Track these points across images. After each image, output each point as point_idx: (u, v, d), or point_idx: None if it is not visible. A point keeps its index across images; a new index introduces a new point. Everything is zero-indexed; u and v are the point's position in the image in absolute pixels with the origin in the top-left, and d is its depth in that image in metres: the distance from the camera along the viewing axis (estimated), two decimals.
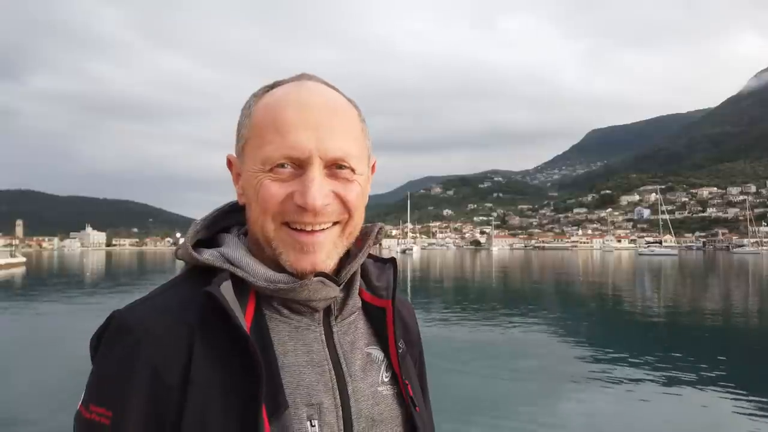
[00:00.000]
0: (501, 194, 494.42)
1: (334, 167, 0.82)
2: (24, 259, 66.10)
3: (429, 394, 1.09)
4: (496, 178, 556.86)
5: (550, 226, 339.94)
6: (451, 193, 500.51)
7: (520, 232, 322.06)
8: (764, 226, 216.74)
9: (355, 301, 0.93)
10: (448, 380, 9.41)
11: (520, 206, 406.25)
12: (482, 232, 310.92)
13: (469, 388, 8.93)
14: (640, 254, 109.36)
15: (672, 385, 9.07)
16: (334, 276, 0.87)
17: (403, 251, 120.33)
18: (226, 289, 0.79)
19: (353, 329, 0.92)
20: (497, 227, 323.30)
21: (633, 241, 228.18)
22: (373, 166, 0.95)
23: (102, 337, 0.80)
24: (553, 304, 23.29)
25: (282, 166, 0.80)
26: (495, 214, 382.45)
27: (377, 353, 0.93)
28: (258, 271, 0.83)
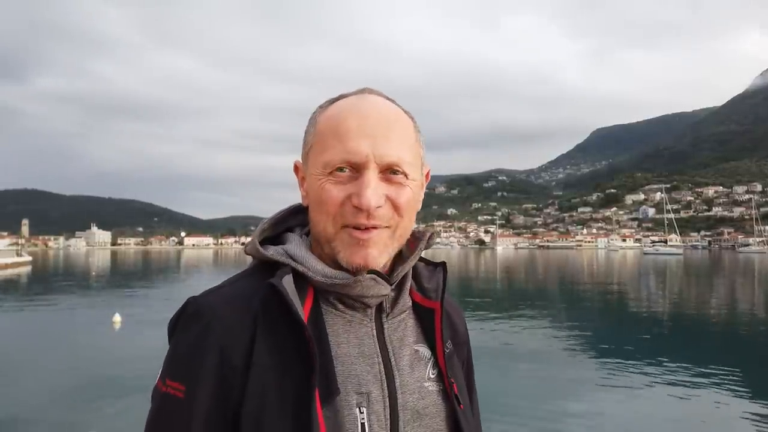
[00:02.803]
0: (505, 193, 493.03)
1: (389, 172, 0.89)
2: (30, 258, 66.42)
3: (476, 393, 1.15)
4: (500, 178, 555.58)
5: (555, 225, 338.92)
6: (455, 192, 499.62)
7: (524, 231, 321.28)
8: None
9: (406, 301, 1.00)
10: None
11: (524, 205, 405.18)
12: (486, 232, 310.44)
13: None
14: (645, 253, 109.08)
15: (677, 385, 9.04)
16: (387, 276, 0.93)
17: None
18: (287, 282, 0.87)
19: (403, 326, 0.98)
20: (501, 226, 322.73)
21: (638, 240, 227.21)
22: (427, 174, 1.03)
23: (179, 320, 0.89)
24: (557, 304, 23.26)
25: (341, 170, 0.88)
26: (499, 214, 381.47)
27: (425, 351, 0.98)
28: (316, 267, 0.91)
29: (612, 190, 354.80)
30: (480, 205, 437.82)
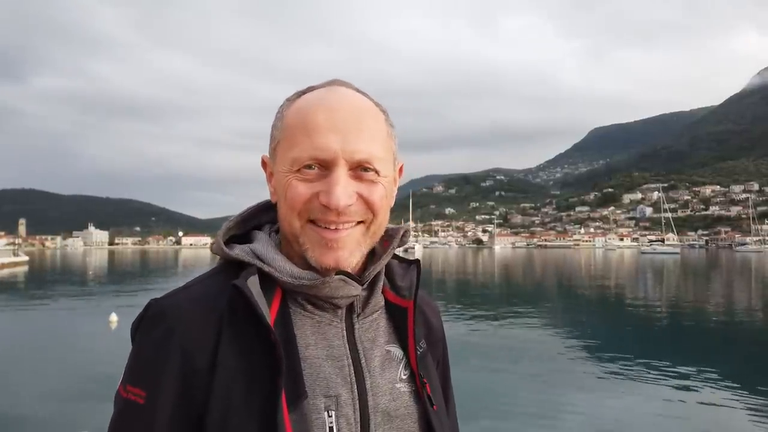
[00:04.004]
0: (503, 193, 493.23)
1: (359, 169, 0.86)
2: (27, 258, 66.26)
3: (452, 393, 1.13)
4: (498, 177, 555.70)
5: (553, 224, 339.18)
6: (453, 191, 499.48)
7: (522, 230, 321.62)
8: (767, 224, 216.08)
9: (378, 300, 0.97)
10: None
11: (522, 205, 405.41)
12: (484, 231, 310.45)
13: (469, 386, 8.91)
14: (642, 253, 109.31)
15: (674, 384, 9.04)
16: (359, 275, 0.92)
17: (405, 250, 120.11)
18: (253, 283, 0.84)
19: (374, 327, 0.96)
20: (499, 226, 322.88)
21: (635, 239, 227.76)
22: (400, 169, 1.00)
23: (140, 322, 0.87)
24: (555, 303, 23.27)
25: (309, 167, 0.85)
26: (497, 213, 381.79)
27: (397, 351, 0.96)
28: (284, 267, 0.88)
29: (609, 190, 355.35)
30: (478, 204, 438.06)
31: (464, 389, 9.46)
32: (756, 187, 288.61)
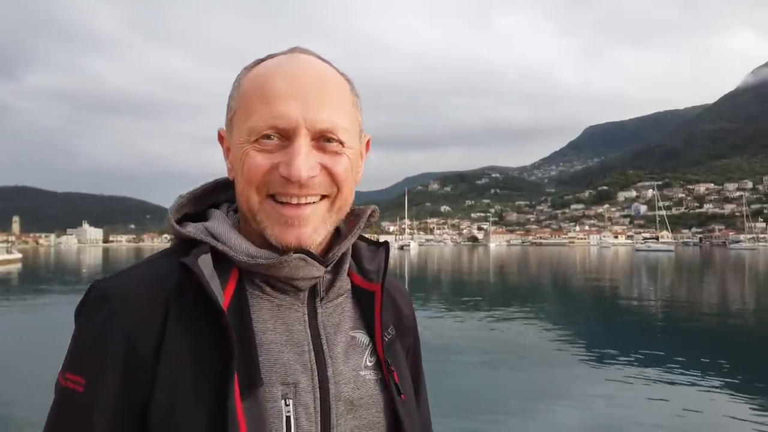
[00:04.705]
0: (498, 190, 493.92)
1: (322, 139, 0.80)
2: (20, 256, 65.84)
3: (425, 384, 1.08)
4: (493, 175, 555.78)
5: (548, 222, 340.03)
6: (448, 189, 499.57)
7: (517, 228, 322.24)
8: (760, 221, 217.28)
9: (344, 283, 0.91)
10: (444, 376, 9.37)
11: (517, 202, 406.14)
12: (479, 229, 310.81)
13: (464, 384, 8.89)
14: (636, 250, 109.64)
15: (669, 381, 9.04)
16: (323, 256, 0.86)
17: (401, 247, 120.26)
18: (204, 262, 0.78)
19: (339, 311, 0.90)
20: (494, 223, 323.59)
21: (630, 237, 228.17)
22: (368, 144, 0.94)
23: (83, 306, 0.81)
24: (549, 301, 23.29)
25: (268, 137, 0.79)
26: (492, 211, 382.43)
27: (362, 337, 0.91)
28: (239, 246, 0.82)
29: (604, 187, 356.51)
30: (473, 202, 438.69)
31: (459, 386, 9.49)
32: (750, 185, 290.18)
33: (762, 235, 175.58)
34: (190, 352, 0.75)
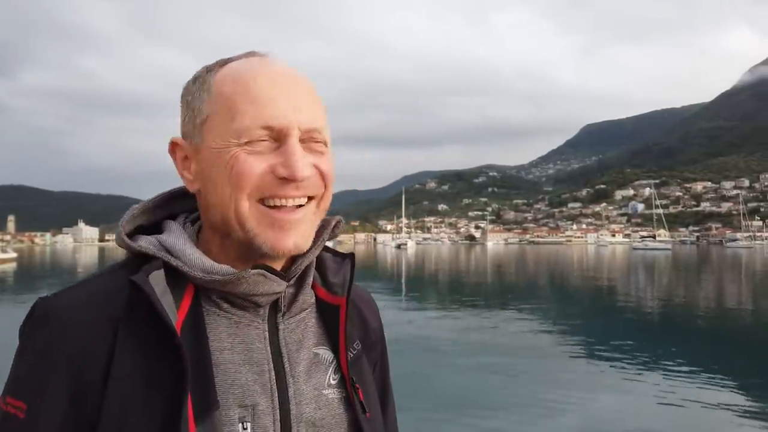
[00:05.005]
0: (496, 189, 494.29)
1: (309, 139, 0.79)
2: (15, 255, 65.64)
3: (392, 398, 1.03)
4: (491, 173, 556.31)
5: (545, 220, 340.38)
6: (446, 188, 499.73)
7: (514, 226, 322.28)
8: (757, 220, 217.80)
9: (307, 297, 0.87)
10: (440, 375, 9.28)
11: (514, 201, 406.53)
12: (477, 227, 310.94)
13: (460, 384, 8.80)
14: (634, 248, 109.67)
15: (666, 378, 8.98)
16: (286, 269, 0.83)
17: (398, 246, 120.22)
18: (156, 279, 0.74)
19: (302, 327, 0.86)
20: (492, 222, 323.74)
21: (627, 235, 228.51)
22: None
23: (26, 325, 0.76)
24: (546, 299, 23.24)
25: (259, 138, 0.76)
26: (490, 209, 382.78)
27: (326, 354, 0.87)
28: (194, 261, 0.77)
29: (602, 186, 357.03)
30: (470, 200, 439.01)
31: (456, 386, 9.41)
32: (746, 183, 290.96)
33: (759, 234, 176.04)
34: (140, 375, 0.71)
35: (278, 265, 0.81)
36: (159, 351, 0.71)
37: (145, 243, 0.80)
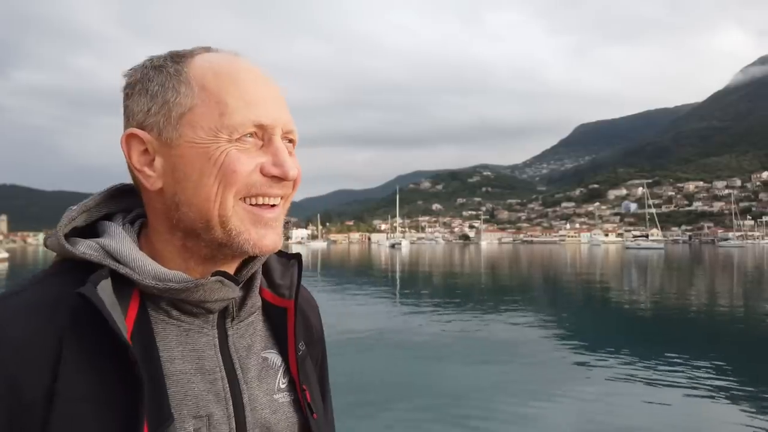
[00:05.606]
0: (490, 188, 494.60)
1: (285, 140, 0.78)
2: (7, 255, 65.32)
3: (330, 397, 1.01)
4: (485, 173, 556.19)
5: (539, 220, 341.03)
6: (440, 187, 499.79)
7: (508, 226, 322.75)
8: (749, 219, 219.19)
9: (255, 301, 0.85)
10: (436, 374, 9.33)
11: (508, 200, 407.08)
12: (471, 227, 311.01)
13: (455, 384, 8.84)
14: (627, 248, 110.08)
15: (659, 379, 9.04)
16: (235, 273, 0.80)
17: (392, 246, 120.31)
18: (104, 290, 0.68)
19: (251, 331, 0.84)
20: (486, 221, 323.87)
21: (620, 234, 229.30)
22: None
23: None
24: (540, 298, 23.32)
25: (249, 135, 0.74)
26: (484, 209, 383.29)
27: (275, 357, 0.85)
28: (145, 268, 0.72)
29: (595, 186, 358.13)
30: (465, 200, 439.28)
31: (450, 386, 9.44)
32: (738, 183, 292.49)
33: (750, 233, 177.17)
34: (89, 395, 0.64)
35: (232, 270, 0.80)
36: (111, 368, 0.66)
37: (87, 249, 0.73)
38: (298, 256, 0.92)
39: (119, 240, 0.74)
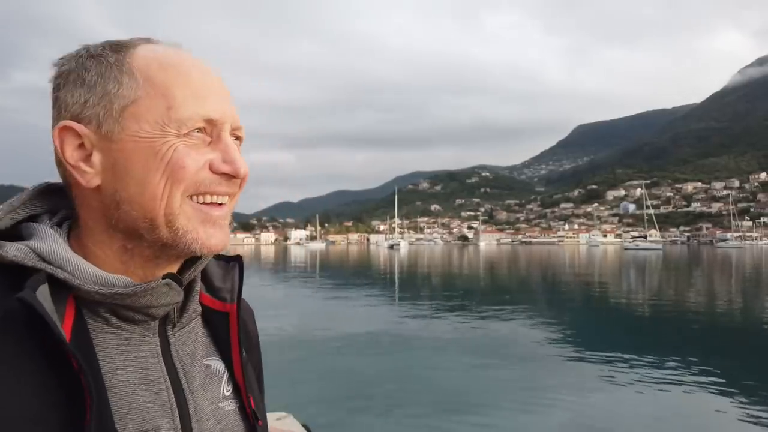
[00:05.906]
0: (488, 189, 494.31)
1: (234, 137, 0.74)
2: None
3: (265, 401, 0.96)
4: (483, 174, 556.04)
5: (537, 221, 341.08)
6: (438, 188, 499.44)
7: (507, 227, 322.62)
8: (747, 220, 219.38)
9: (196, 306, 0.80)
10: (435, 375, 9.36)
11: (507, 201, 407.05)
12: (470, 227, 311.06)
13: (452, 384, 8.88)
14: (625, 248, 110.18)
15: (657, 379, 9.09)
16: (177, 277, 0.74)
17: (391, 246, 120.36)
18: (43, 295, 0.61)
19: (193, 338, 0.79)
20: (484, 222, 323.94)
21: (618, 235, 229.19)
22: None
23: None
24: (538, 299, 23.36)
25: (196, 131, 0.69)
26: (482, 210, 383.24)
27: (217, 364, 0.81)
28: (85, 272, 0.66)
29: (593, 186, 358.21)
30: (463, 201, 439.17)
31: (449, 385, 9.49)
32: (736, 183, 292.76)
33: (749, 234, 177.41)
34: (26, 412, 0.58)
35: (173, 272, 0.75)
36: (51, 380, 0.59)
37: (17, 252, 0.65)
38: (239, 258, 0.87)
39: (52, 242, 0.68)
